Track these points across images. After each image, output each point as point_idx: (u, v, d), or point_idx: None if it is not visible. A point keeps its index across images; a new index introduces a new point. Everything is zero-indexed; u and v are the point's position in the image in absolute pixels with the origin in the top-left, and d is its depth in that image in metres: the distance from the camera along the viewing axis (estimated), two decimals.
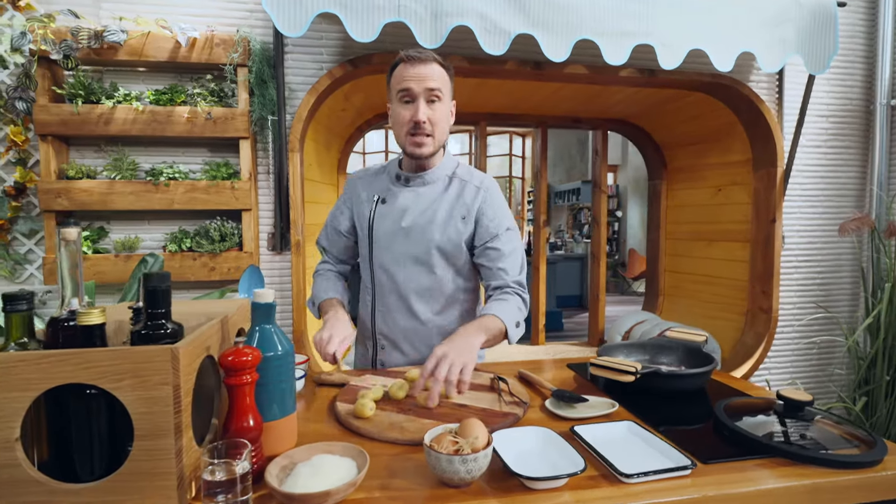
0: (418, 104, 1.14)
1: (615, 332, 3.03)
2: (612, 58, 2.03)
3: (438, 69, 1.16)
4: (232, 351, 0.69)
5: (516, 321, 1.15)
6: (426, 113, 1.14)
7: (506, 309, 1.13)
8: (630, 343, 1.26)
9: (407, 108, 1.15)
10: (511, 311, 1.14)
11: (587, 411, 0.94)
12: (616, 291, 8.94)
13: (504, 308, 1.13)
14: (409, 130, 1.16)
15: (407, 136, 1.18)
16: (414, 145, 1.17)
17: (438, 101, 1.16)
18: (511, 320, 1.12)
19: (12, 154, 1.97)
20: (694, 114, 2.76)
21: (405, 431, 0.83)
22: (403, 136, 1.18)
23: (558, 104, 2.92)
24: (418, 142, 1.17)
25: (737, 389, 1.09)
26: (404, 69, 1.14)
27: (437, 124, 1.17)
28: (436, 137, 1.18)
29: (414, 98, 1.14)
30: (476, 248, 1.24)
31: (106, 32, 1.88)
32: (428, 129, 1.16)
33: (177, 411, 0.61)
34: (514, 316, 1.14)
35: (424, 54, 1.14)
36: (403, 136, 1.18)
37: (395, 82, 1.17)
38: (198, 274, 2.03)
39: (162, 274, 0.64)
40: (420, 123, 1.14)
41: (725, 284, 2.79)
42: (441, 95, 1.16)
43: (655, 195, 3.31)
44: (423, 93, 1.13)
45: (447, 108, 1.20)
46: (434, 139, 1.18)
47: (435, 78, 1.14)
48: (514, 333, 1.14)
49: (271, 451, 0.77)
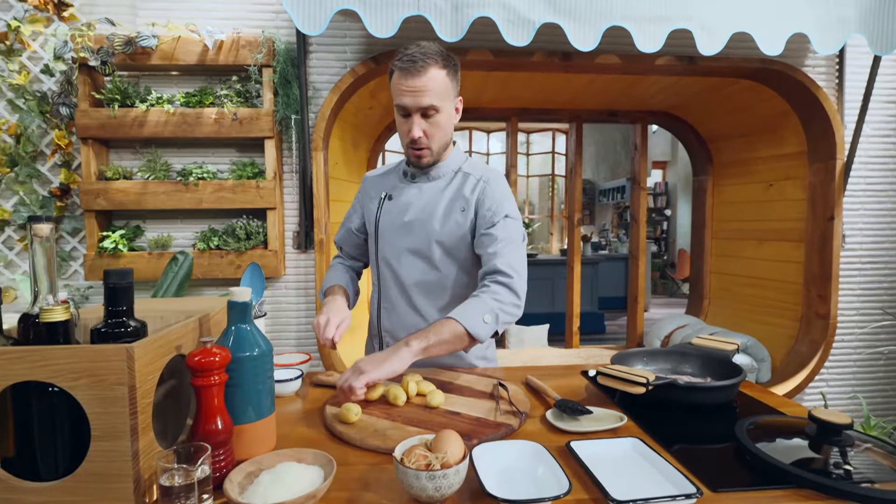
0: (413, 120, 1.10)
1: (654, 337, 2.86)
2: (646, 45, 1.90)
3: (436, 75, 1.07)
4: (199, 351, 0.67)
5: (483, 316, 1.03)
6: (421, 129, 1.10)
7: (469, 309, 1.03)
8: (651, 350, 1.16)
9: (404, 121, 1.12)
10: (477, 307, 1.04)
11: (590, 425, 0.86)
12: (664, 293, 8.55)
13: (467, 308, 1.03)
14: (407, 143, 1.14)
15: (407, 148, 1.16)
16: (414, 157, 1.16)
17: (436, 114, 1.11)
18: (474, 319, 1.01)
19: (58, 157, 2.09)
20: (742, 103, 2.56)
21: (387, 440, 0.78)
22: (404, 146, 1.17)
23: (593, 97, 2.80)
24: (417, 154, 1.15)
25: (771, 407, 0.97)
26: (399, 80, 1.07)
27: (435, 136, 1.13)
28: (434, 149, 1.16)
29: (410, 114, 1.10)
30: (476, 237, 1.18)
31: (139, 38, 1.95)
32: (424, 144, 1.13)
33: (133, 413, 0.59)
34: (479, 312, 1.03)
35: (420, 60, 1.05)
36: (404, 146, 1.17)
37: (393, 89, 1.11)
38: (225, 271, 2.08)
39: (122, 270, 0.63)
40: (416, 140, 1.11)
41: (777, 287, 2.57)
42: (438, 108, 1.10)
43: (701, 192, 3.11)
44: (418, 110, 1.09)
45: (447, 115, 1.14)
46: (433, 151, 1.16)
47: (430, 91, 1.06)
48: (480, 330, 1.02)
49: (247, 454, 0.74)
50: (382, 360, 0.94)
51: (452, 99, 1.15)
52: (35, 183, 2.09)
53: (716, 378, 1.05)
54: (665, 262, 9.02)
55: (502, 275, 1.09)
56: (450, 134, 1.18)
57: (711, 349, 1.11)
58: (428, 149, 1.13)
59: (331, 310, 1.10)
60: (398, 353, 0.95)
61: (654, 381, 0.89)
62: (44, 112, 2.03)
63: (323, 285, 1.28)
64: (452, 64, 1.12)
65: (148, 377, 0.62)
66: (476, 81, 2.51)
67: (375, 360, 0.94)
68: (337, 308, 1.12)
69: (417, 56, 1.05)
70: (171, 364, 0.70)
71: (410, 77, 1.05)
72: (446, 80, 1.10)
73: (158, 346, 0.64)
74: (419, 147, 1.12)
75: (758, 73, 2.27)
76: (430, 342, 0.98)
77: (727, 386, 0.92)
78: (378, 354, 0.97)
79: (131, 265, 2.05)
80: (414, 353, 0.96)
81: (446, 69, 1.10)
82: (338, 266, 1.34)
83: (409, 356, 0.95)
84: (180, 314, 0.81)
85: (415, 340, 0.97)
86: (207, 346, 0.68)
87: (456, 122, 1.19)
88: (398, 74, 1.07)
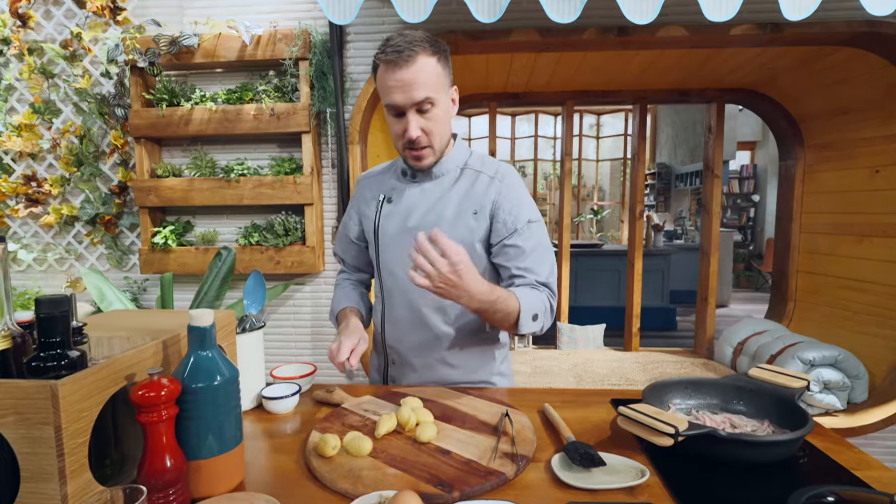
0: (408, 118, 0.98)
1: (725, 343, 2.56)
2: (715, 13, 1.64)
3: (426, 64, 0.95)
4: (144, 384, 0.62)
5: (534, 313, 1.01)
6: (418, 127, 0.99)
7: (530, 296, 1.01)
8: (698, 380, 0.98)
9: (398, 121, 1.01)
10: (534, 300, 1.02)
11: (602, 480, 0.72)
12: (749, 287, 7.81)
13: (530, 296, 1.01)
14: (404, 145, 1.02)
15: (404, 150, 1.04)
16: (414, 160, 1.05)
17: (432, 108, 0.99)
18: (529, 308, 1.00)
19: (116, 156, 2.20)
20: (841, 76, 2.18)
21: (358, 483, 0.70)
22: (401, 149, 1.05)
23: (660, 75, 2.51)
24: (417, 156, 1.03)
25: (846, 469, 0.77)
26: (386, 75, 0.96)
27: (435, 131, 1.02)
28: (435, 146, 1.04)
29: (403, 112, 0.98)
30: (494, 246, 1.07)
31: (181, 38, 1.98)
32: (424, 142, 1.01)
33: (60, 455, 0.55)
34: (534, 306, 1.01)
35: (406, 50, 0.93)
36: (401, 149, 1.06)
37: (379, 87, 1.00)
38: (265, 267, 2.10)
39: (56, 299, 0.58)
40: (414, 140, 0.99)
41: (880, 292, 2.19)
42: (434, 100, 0.98)
43: (788, 179, 2.72)
44: (411, 106, 0.97)
45: (444, 108, 1.02)
46: (433, 148, 1.04)
47: (421, 84, 0.95)
48: (527, 324, 1.01)
49: (207, 491, 0.69)
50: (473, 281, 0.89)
51: (447, 89, 1.02)
52: (98, 181, 2.22)
53: (775, 422, 0.86)
54: (751, 252, 8.23)
55: (545, 289, 1.07)
56: (449, 128, 1.07)
57: (774, 384, 0.91)
58: (429, 147, 1.02)
59: (343, 334, 1.03)
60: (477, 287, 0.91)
61: (685, 431, 0.72)
62: (103, 113, 2.14)
63: (332, 308, 1.21)
64: (442, 50, 1.00)
65: (81, 415, 0.57)
66: (525, 64, 2.33)
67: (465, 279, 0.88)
68: (350, 331, 1.03)
69: (403, 45, 0.94)
70: None
71: (398, 69, 0.93)
72: (438, 67, 0.98)
73: (95, 379, 0.59)
74: (419, 148, 1.01)
75: (862, 38, 1.90)
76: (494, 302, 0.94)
77: (785, 441, 0.74)
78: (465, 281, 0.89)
79: (180, 259, 2.13)
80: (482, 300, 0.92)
81: (436, 55, 0.98)
82: (344, 284, 1.25)
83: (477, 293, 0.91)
84: (149, 334, 0.77)
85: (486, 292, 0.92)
86: (154, 377, 0.63)
87: (453, 115, 1.07)
88: (383, 68, 0.95)
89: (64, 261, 2.29)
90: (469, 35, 1.96)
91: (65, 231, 2.27)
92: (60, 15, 2.14)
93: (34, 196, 2.21)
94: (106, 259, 2.27)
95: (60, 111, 2.19)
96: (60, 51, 2.11)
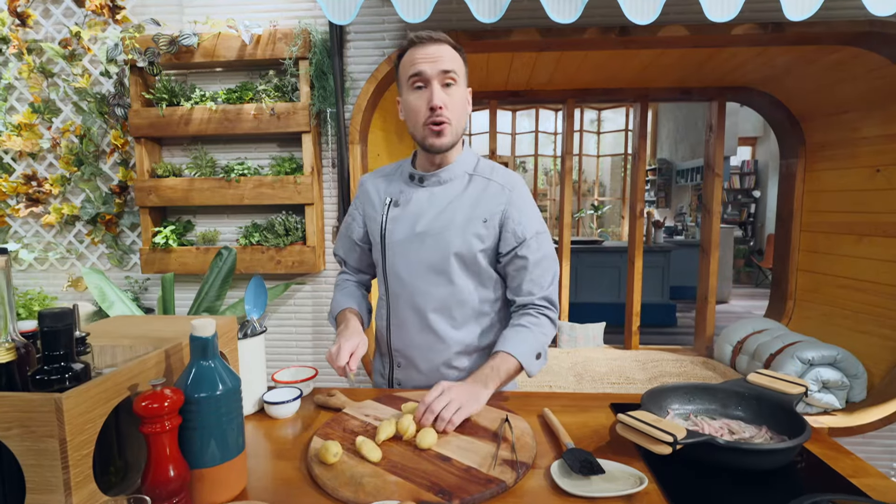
0: (433, 88, 1.01)
1: (725, 342, 2.57)
2: (717, 13, 1.63)
3: (451, 51, 1.04)
4: (147, 395, 0.62)
5: (536, 353, 1.05)
6: (442, 97, 1.01)
7: (523, 342, 1.04)
8: (696, 385, 0.98)
9: (420, 94, 1.02)
10: (530, 343, 1.04)
11: (601, 488, 0.73)
12: (749, 283, 7.82)
13: (521, 341, 1.04)
14: (425, 119, 1.03)
15: (424, 127, 1.04)
16: (433, 134, 1.03)
17: (454, 85, 1.03)
18: (529, 354, 1.03)
19: (117, 155, 2.20)
20: (842, 75, 2.17)
21: (360, 491, 0.70)
22: (421, 125, 1.04)
23: (661, 74, 2.50)
24: (437, 130, 1.03)
25: (844, 477, 0.78)
26: (414, 51, 1.03)
27: (455, 110, 1.04)
28: (454, 125, 1.04)
29: (427, 82, 1.01)
30: (502, 255, 1.08)
31: (181, 37, 1.98)
32: (446, 115, 1.02)
33: (65, 467, 0.56)
34: (532, 348, 1.04)
35: (436, 34, 1.03)
36: (421, 127, 1.04)
37: (404, 68, 1.05)
38: (266, 267, 2.10)
39: (59, 312, 0.59)
40: (437, 109, 1.00)
41: (880, 292, 2.20)
42: (456, 78, 1.03)
43: (789, 177, 2.71)
44: (437, 76, 1.01)
45: (463, 94, 1.07)
46: (452, 127, 1.04)
47: (447, 58, 1.02)
48: (533, 366, 1.05)
49: (210, 499, 0.70)
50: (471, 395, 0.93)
51: (465, 84, 1.07)
52: (98, 181, 2.22)
53: (773, 428, 0.87)
54: (751, 248, 8.23)
55: (546, 308, 1.08)
56: (464, 122, 1.09)
57: (772, 391, 0.92)
58: (448, 124, 1.02)
59: (342, 337, 1.04)
60: (480, 395, 0.95)
61: (683, 440, 0.73)
62: (103, 113, 2.14)
63: (332, 309, 1.21)
64: (462, 52, 1.06)
65: (85, 427, 0.58)
66: (526, 62, 2.32)
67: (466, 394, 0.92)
68: (349, 334, 1.04)
69: (432, 33, 1.03)
70: None
71: (427, 46, 1.02)
72: (460, 60, 1.05)
73: (99, 391, 0.60)
74: (440, 120, 1.01)
75: (865, 37, 1.89)
76: (500, 381, 1.00)
77: (783, 449, 0.75)
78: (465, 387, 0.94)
79: (181, 259, 2.13)
80: (489, 394, 0.98)
81: (458, 51, 1.05)
82: (345, 285, 1.25)
83: (486, 398, 0.97)
84: (152, 342, 0.77)
85: (491, 382, 0.98)
86: (157, 389, 0.63)
87: (468, 111, 1.10)
88: (412, 50, 1.03)
89: (65, 260, 2.30)
90: (470, 34, 1.95)
91: (65, 230, 2.27)
92: (59, 13, 2.13)
93: (35, 195, 2.22)
94: (107, 258, 2.27)
95: (60, 110, 2.19)
96: (60, 50, 2.11)
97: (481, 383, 0.96)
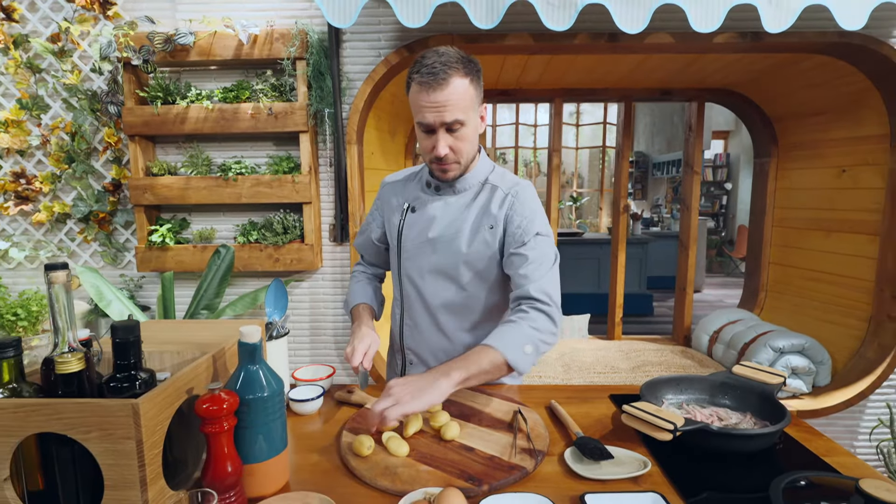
0: (438, 136, 1.04)
1: (702, 332, 2.72)
2: (702, 24, 1.73)
3: (459, 86, 1.00)
4: (207, 398, 0.68)
5: (523, 346, 0.99)
6: (447, 145, 1.05)
7: (509, 336, 1.00)
8: (687, 377, 1.08)
9: (427, 137, 1.07)
10: (516, 336, 1.00)
11: (611, 471, 0.82)
12: (721, 272, 8.12)
13: (507, 335, 1.00)
14: (432, 160, 1.09)
15: (431, 164, 1.11)
16: (440, 172, 1.11)
17: (461, 127, 1.05)
18: (514, 348, 0.98)
19: (109, 153, 2.18)
20: (814, 80, 2.30)
21: (396, 480, 0.78)
22: (428, 162, 1.12)
23: (645, 76, 2.60)
24: (443, 169, 1.10)
25: (817, 456, 0.88)
26: (420, 95, 1.01)
27: (462, 149, 1.08)
28: (462, 161, 1.10)
29: (434, 130, 1.04)
30: (505, 256, 1.13)
31: (177, 36, 1.97)
32: (451, 159, 1.08)
33: (141, 465, 0.61)
34: (517, 341, 0.99)
35: (441, 72, 0.98)
36: (428, 162, 1.12)
37: (412, 104, 1.05)
38: (264, 265, 2.14)
39: (129, 325, 0.64)
40: (442, 157, 1.06)
41: (845, 284, 2.36)
42: (464, 121, 1.04)
43: (762, 175, 2.86)
44: (442, 125, 1.03)
45: (473, 127, 1.08)
46: (460, 164, 1.10)
47: (453, 105, 1.00)
48: (521, 362, 0.98)
49: (260, 492, 0.76)
50: (419, 389, 0.88)
51: (477, 108, 1.08)
52: (90, 178, 2.21)
53: (757, 415, 0.97)
54: (723, 238, 8.53)
55: (538, 301, 1.04)
56: (476, 145, 1.13)
57: (754, 381, 1.02)
58: (456, 163, 1.08)
59: (356, 337, 1.10)
60: (437, 385, 0.89)
61: (682, 427, 0.83)
62: (95, 110, 2.12)
63: (348, 300, 1.28)
64: (475, 70, 1.05)
65: (156, 428, 0.63)
66: (516, 63, 2.39)
67: (412, 390, 0.87)
68: (362, 334, 1.10)
69: (438, 67, 0.98)
70: None
71: (432, 91, 0.98)
72: (470, 89, 1.03)
73: (166, 395, 0.65)
74: (445, 164, 1.07)
75: (835, 47, 2.01)
76: (470, 373, 0.93)
77: (767, 434, 0.85)
78: (414, 381, 0.90)
79: (178, 257, 2.14)
80: (454, 385, 0.91)
81: (469, 76, 1.03)
82: (360, 277, 1.33)
83: (448, 389, 0.90)
84: (197, 347, 0.82)
85: (455, 371, 0.92)
86: (215, 392, 0.69)
87: (481, 131, 1.13)
88: (417, 89, 1.00)
89: (56, 258, 2.28)
90: (466, 38, 2.00)
91: (56, 228, 2.25)
92: (46, 8, 2.09)
93: (24, 193, 2.19)
94: (100, 256, 2.27)
95: (49, 107, 2.15)
96: (48, 45, 2.07)
97: (442, 373, 0.91)
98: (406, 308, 1.20)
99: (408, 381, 0.90)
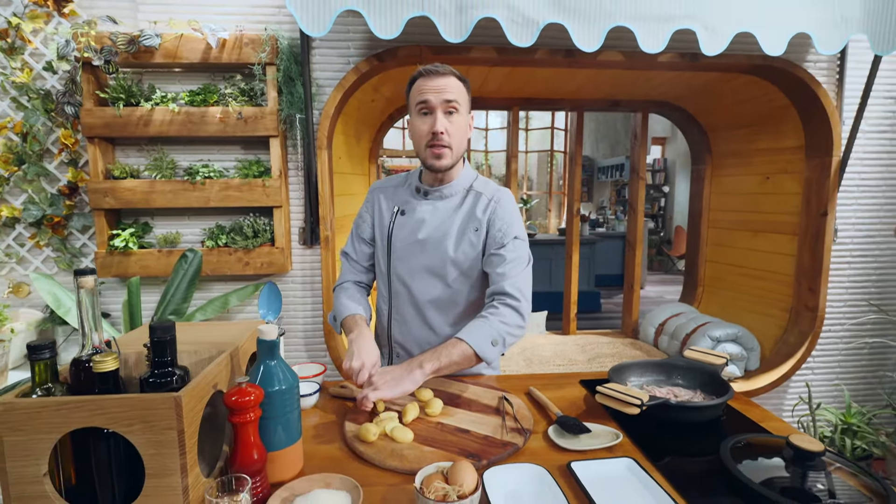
0: (436, 115, 1.16)
1: (649, 325, 2.96)
2: (649, 45, 1.91)
3: (456, 83, 1.18)
4: (235, 391, 0.74)
5: (492, 339, 1.10)
6: (444, 124, 1.16)
7: (479, 330, 1.10)
8: (647, 362, 1.23)
9: (425, 119, 1.17)
10: (486, 331, 1.11)
11: (589, 443, 0.94)
12: (661, 270, 8.67)
13: (477, 329, 1.11)
14: (428, 142, 1.18)
15: (427, 149, 1.19)
16: (434, 157, 1.19)
17: (456, 113, 1.18)
18: (483, 341, 1.09)
19: (65, 155, 2.10)
20: (743, 97, 2.58)
21: (404, 460, 0.86)
22: (423, 147, 1.20)
23: (596, 88, 2.80)
24: (437, 153, 1.18)
25: (755, 423, 1.05)
26: (423, 82, 1.17)
27: (455, 136, 1.19)
28: (454, 149, 1.20)
29: (432, 110, 1.16)
30: (485, 255, 1.24)
31: (142, 37, 1.94)
32: (446, 141, 1.17)
33: (182, 453, 0.66)
34: (486, 335, 1.10)
35: (441, 69, 1.17)
36: (423, 149, 1.20)
37: (413, 95, 1.19)
38: (234, 268, 2.13)
39: (166, 325, 0.69)
40: (438, 134, 1.16)
41: (770, 279, 2.65)
42: (458, 107, 1.18)
43: (699, 180, 3.14)
44: (440, 104, 1.15)
45: (464, 121, 1.21)
46: (452, 151, 1.20)
47: (452, 90, 1.16)
48: (490, 353, 1.10)
49: (278, 477, 0.82)
50: (397, 378, 1.02)
51: (467, 112, 1.22)
52: (43, 181, 2.12)
53: (705, 391, 1.13)
54: (661, 238, 9.11)
55: (510, 297, 1.15)
56: (465, 145, 1.24)
57: (702, 363, 1.19)
58: (449, 148, 1.17)
59: (361, 351, 1.09)
60: (412, 375, 1.03)
61: (647, 402, 0.96)
62: (48, 110, 2.04)
63: (337, 311, 1.28)
64: (467, 83, 1.21)
65: (193, 419, 0.69)
66: (479, 74, 2.51)
67: (390, 378, 1.02)
68: (368, 350, 1.10)
69: (439, 66, 1.17)
70: None
71: (435, 78, 1.15)
72: (463, 89, 1.20)
73: (199, 389, 0.71)
74: (441, 144, 1.16)
75: (759, 69, 2.28)
76: (441, 364, 1.06)
77: (715, 405, 1.00)
78: (392, 371, 1.04)
79: (142, 262, 2.10)
80: (426, 374, 1.04)
81: (463, 82, 1.20)
82: (349, 288, 1.33)
83: (421, 378, 1.03)
84: (211, 346, 0.87)
85: (428, 363, 1.05)
86: (242, 385, 0.75)
87: (469, 135, 1.25)
88: (421, 80, 1.16)
89: (3, 264, 2.17)
90: (433, 49, 2.10)
91: (3, 233, 2.14)
92: None
93: None
94: (54, 262, 2.17)
95: None
96: None
97: (417, 364, 1.04)
98: (394, 305, 1.28)
99: (386, 370, 1.05)
